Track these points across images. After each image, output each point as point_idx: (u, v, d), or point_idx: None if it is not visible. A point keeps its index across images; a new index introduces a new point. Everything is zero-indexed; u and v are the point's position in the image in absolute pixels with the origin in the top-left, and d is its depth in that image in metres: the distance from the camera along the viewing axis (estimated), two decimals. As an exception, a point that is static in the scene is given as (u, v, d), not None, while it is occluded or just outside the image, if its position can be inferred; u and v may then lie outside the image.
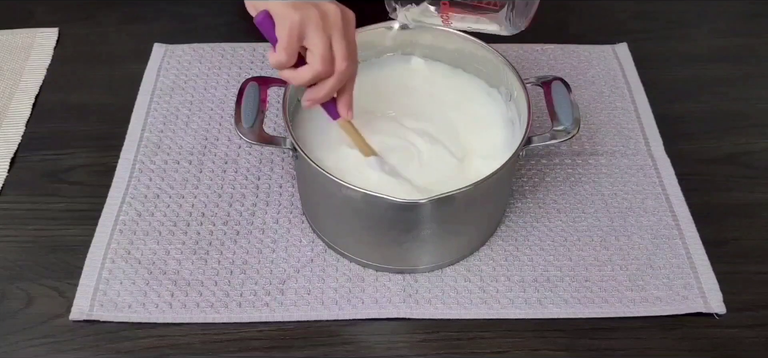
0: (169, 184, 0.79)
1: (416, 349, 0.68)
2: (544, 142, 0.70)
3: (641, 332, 0.69)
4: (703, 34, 1.02)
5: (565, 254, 0.74)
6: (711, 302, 0.71)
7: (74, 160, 0.82)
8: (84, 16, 1.00)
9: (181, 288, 0.70)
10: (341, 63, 0.62)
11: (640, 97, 0.90)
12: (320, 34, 0.60)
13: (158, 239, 0.74)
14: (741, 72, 0.96)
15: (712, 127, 0.89)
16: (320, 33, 0.60)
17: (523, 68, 0.91)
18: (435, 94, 0.79)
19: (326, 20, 0.60)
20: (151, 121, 0.86)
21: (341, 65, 0.62)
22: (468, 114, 0.77)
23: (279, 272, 0.72)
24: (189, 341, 0.67)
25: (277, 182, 0.80)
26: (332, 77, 0.63)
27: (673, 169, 0.82)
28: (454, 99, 0.78)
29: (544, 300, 0.71)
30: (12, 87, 0.89)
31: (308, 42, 0.61)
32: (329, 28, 0.61)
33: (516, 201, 0.79)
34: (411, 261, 0.71)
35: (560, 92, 0.73)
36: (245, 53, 0.95)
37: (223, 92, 0.90)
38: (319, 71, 0.61)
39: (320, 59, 0.61)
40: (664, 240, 0.76)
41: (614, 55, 0.96)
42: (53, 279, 0.71)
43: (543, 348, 0.68)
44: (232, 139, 0.84)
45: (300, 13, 0.59)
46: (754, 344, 0.69)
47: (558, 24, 1.02)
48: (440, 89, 0.79)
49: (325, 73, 0.62)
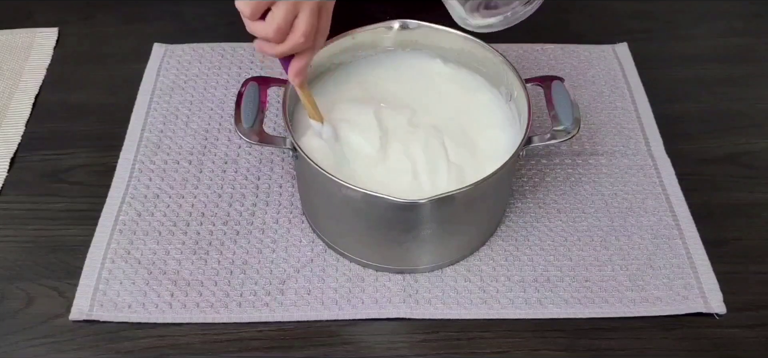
0: (169, 184, 0.79)
1: (416, 349, 0.68)
2: (544, 142, 0.69)
3: (641, 332, 0.69)
4: (703, 34, 1.02)
5: (565, 254, 0.74)
6: (711, 302, 0.71)
7: (74, 160, 0.82)
8: (84, 16, 1.00)
9: (181, 288, 0.70)
10: (298, 37, 0.62)
11: (640, 97, 0.90)
12: (286, 6, 0.61)
13: (158, 239, 0.74)
14: (741, 72, 0.96)
15: (712, 127, 0.89)
16: (287, 5, 0.61)
17: (523, 68, 0.91)
18: (437, 91, 0.79)
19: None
20: (151, 121, 0.86)
21: (297, 38, 0.62)
22: (468, 114, 0.77)
23: (279, 272, 0.72)
24: (189, 341, 0.67)
25: (277, 182, 0.80)
26: (283, 44, 0.63)
27: (673, 169, 0.82)
28: (454, 97, 0.78)
29: (544, 300, 0.71)
30: (12, 87, 0.89)
31: (274, 7, 0.61)
32: (300, 2, 0.61)
33: (516, 201, 0.79)
34: (411, 261, 0.71)
35: (560, 92, 0.73)
36: (245, 53, 0.95)
37: (223, 92, 0.90)
38: (269, 37, 0.62)
39: (274, 29, 0.62)
40: (664, 240, 0.76)
41: (614, 55, 0.96)
42: (53, 279, 0.71)
43: (543, 348, 0.68)
44: (232, 139, 0.84)
45: None
46: (754, 344, 0.69)
47: (558, 24, 1.02)
48: (441, 87, 0.79)
49: (275, 41, 0.63)
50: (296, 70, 0.66)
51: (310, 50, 0.66)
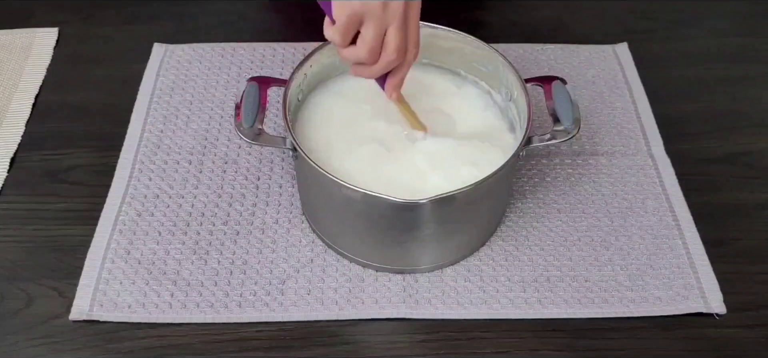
0: (169, 184, 0.79)
1: (416, 349, 0.68)
2: (544, 142, 0.69)
3: (641, 332, 0.69)
4: (703, 34, 1.02)
5: (565, 254, 0.74)
6: (711, 302, 0.71)
7: (74, 160, 0.82)
8: (84, 16, 1.00)
9: (181, 288, 0.70)
10: (390, 54, 0.63)
11: (640, 97, 0.90)
12: (375, 25, 0.61)
13: (158, 239, 0.74)
14: (741, 72, 0.96)
15: (712, 127, 0.89)
16: (375, 24, 0.61)
17: (523, 68, 0.91)
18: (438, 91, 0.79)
19: (386, 10, 0.61)
20: (151, 121, 0.86)
21: (389, 56, 0.63)
22: (468, 114, 0.77)
23: (279, 272, 0.72)
24: (189, 341, 0.67)
25: (277, 182, 0.80)
26: (377, 64, 0.63)
27: (673, 169, 0.82)
28: (454, 97, 0.78)
29: (544, 300, 0.71)
30: (12, 87, 0.89)
31: (363, 30, 0.62)
32: (387, 19, 0.61)
33: (516, 201, 0.79)
34: (411, 261, 0.71)
35: (560, 92, 0.73)
36: (245, 53, 0.95)
37: (223, 92, 0.90)
38: (363, 60, 0.63)
39: (367, 51, 0.62)
40: (664, 240, 0.76)
41: (614, 55, 0.96)
42: (53, 279, 0.71)
43: (543, 348, 0.68)
44: (232, 139, 0.84)
45: (362, 2, 0.60)
46: (754, 344, 0.69)
47: (558, 24, 1.02)
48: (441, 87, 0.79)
49: (369, 62, 0.63)
50: (393, 86, 0.67)
51: (405, 64, 0.66)
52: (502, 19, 1.03)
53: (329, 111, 0.76)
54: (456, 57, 0.79)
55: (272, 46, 0.95)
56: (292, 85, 0.72)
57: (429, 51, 0.78)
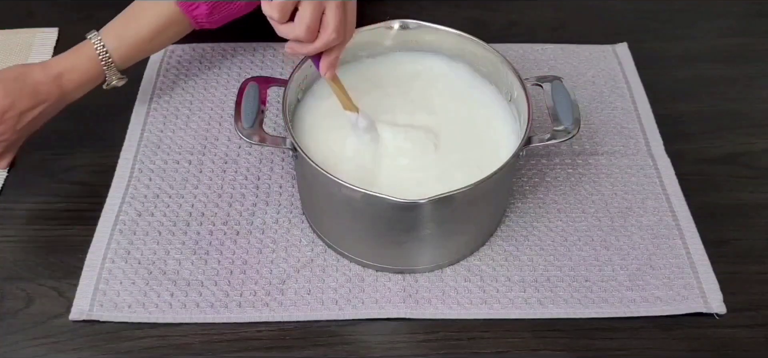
0: (169, 184, 0.79)
1: (416, 349, 0.68)
2: (544, 142, 0.69)
3: (641, 332, 0.69)
4: (703, 34, 1.02)
5: (565, 254, 0.74)
6: (711, 302, 0.71)
7: (74, 161, 0.82)
8: (84, 16, 1.00)
9: (181, 288, 0.70)
10: (330, 33, 0.63)
11: (640, 97, 0.90)
12: (313, 3, 0.61)
13: (158, 239, 0.74)
14: (741, 72, 0.96)
15: (712, 127, 0.89)
16: (314, 2, 0.61)
17: (523, 68, 0.91)
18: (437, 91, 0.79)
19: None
20: (151, 121, 0.86)
21: (329, 35, 0.63)
22: (468, 114, 0.77)
23: (279, 272, 0.72)
24: (189, 341, 0.67)
25: (277, 182, 0.80)
26: (315, 42, 0.64)
27: (673, 169, 0.82)
28: (454, 97, 0.78)
29: (544, 300, 0.71)
30: (12, 87, 0.89)
31: (301, 7, 0.62)
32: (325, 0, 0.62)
33: (516, 201, 0.79)
34: (411, 261, 0.71)
35: (560, 92, 0.73)
36: (245, 53, 0.95)
37: (223, 92, 0.90)
38: (300, 37, 0.63)
39: (304, 28, 0.62)
40: (664, 240, 0.76)
41: (614, 55, 0.96)
42: (53, 279, 0.71)
43: (543, 348, 0.68)
44: (232, 139, 0.84)
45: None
46: (754, 344, 0.69)
47: (558, 24, 1.02)
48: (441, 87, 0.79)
49: (306, 40, 0.63)
50: (328, 64, 0.67)
51: (341, 44, 0.66)
52: (502, 19, 1.03)
53: (329, 111, 0.76)
54: (457, 57, 0.79)
55: (272, 46, 0.95)
56: (292, 85, 0.72)
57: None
